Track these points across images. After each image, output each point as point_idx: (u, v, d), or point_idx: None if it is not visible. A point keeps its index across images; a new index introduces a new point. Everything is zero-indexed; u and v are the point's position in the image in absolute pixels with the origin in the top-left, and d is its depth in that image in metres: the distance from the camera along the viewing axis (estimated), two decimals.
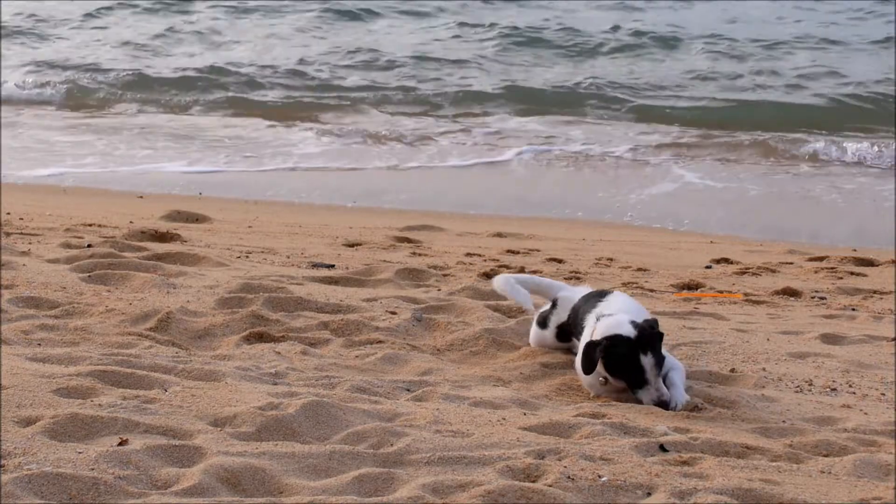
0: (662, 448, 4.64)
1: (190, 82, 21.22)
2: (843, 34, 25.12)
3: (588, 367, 5.39)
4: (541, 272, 8.56)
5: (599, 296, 5.89)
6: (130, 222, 10.25)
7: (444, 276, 8.36)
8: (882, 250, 10.78)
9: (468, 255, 9.58)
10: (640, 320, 5.43)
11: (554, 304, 6.18)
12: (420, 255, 9.51)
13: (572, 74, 21.61)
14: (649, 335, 5.32)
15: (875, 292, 8.76)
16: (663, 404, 5.31)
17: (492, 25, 26.00)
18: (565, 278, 8.47)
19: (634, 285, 8.52)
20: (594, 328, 5.47)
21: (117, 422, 4.50)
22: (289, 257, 8.92)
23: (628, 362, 5.32)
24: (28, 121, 18.18)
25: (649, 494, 4.15)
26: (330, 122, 18.43)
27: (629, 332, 5.33)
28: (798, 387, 5.82)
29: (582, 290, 6.18)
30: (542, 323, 6.22)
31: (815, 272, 9.65)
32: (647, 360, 5.29)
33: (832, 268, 9.80)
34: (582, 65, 22.80)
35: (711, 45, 24.12)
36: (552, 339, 6.17)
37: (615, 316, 5.48)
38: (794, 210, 13.23)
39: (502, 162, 15.77)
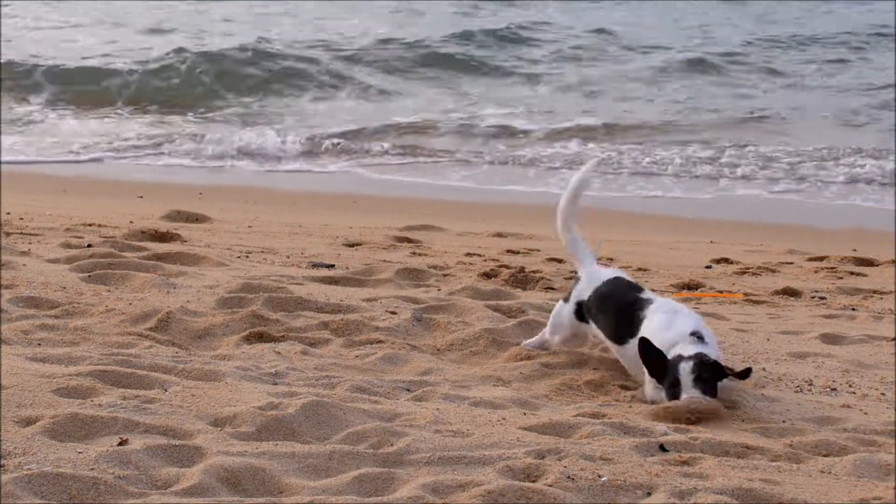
0: (662, 448, 4.64)
1: None
2: None
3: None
4: (541, 272, 8.56)
5: (636, 291, 5.81)
6: (130, 222, 10.25)
7: (444, 276, 8.36)
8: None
9: (468, 254, 9.58)
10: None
11: (578, 279, 6.07)
12: (420, 254, 9.51)
13: None
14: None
15: (875, 292, 8.75)
16: None
17: None
18: (566, 278, 8.48)
19: None
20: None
21: (117, 422, 4.50)
22: (289, 257, 8.92)
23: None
24: None
25: (649, 494, 4.15)
26: None
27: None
28: (798, 387, 5.82)
29: (607, 273, 6.01)
30: (567, 297, 6.10)
31: (815, 272, 9.65)
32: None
33: (832, 268, 9.80)
34: None
35: None
36: (570, 315, 6.03)
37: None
38: None
39: None
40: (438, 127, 17.81)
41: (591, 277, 6.01)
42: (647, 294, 5.81)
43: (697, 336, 5.39)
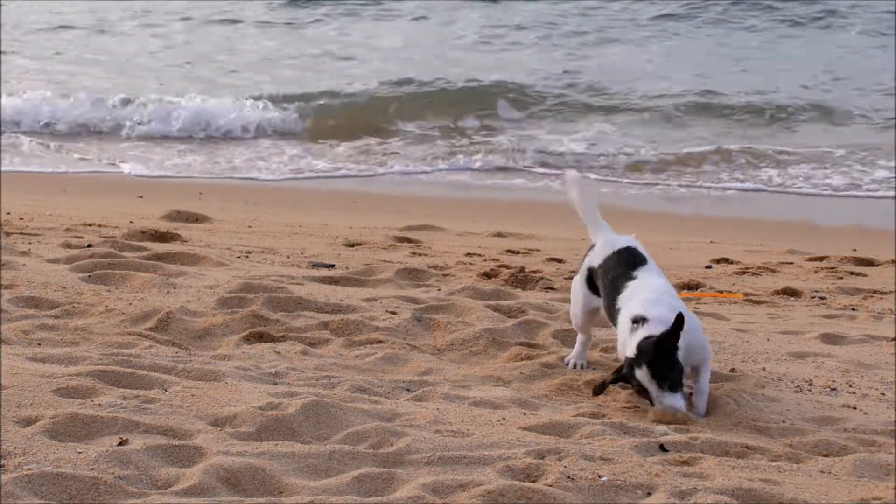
0: (662, 448, 4.64)
1: None
2: None
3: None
4: (541, 272, 8.56)
5: (631, 266, 5.65)
6: (130, 222, 10.25)
7: (444, 276, 8.36)
8: None
9: (468, 254, 9.58)
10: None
11: (592, 247, 5.91)
12: (420, 254, 9.51)
13: None
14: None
15: (875, 292, 8.75)
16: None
17: None
18: (566, 278, 8.48)
19: None
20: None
21: (117, 422, 4.50)
22: (289, 257, 8.92)
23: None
24: None
25: (649, 494, 4.15)
26: None
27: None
28: (798, 387, 5.83)
29: (622, 241, 5.83)
30: (580, 267, 5.94)
31: (815, 272, 9.64)
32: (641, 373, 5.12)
33: (832, 268, 9.79)
34: None
35: None
36: (582, 285, 5.85)
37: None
38: None
39: None
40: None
41: (605, 245, 5.84)
42: (637, 272, 5.63)
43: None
